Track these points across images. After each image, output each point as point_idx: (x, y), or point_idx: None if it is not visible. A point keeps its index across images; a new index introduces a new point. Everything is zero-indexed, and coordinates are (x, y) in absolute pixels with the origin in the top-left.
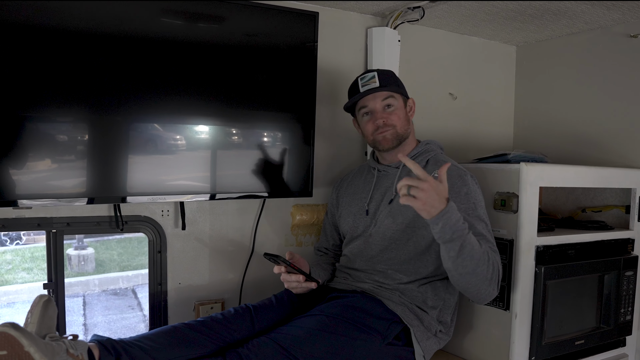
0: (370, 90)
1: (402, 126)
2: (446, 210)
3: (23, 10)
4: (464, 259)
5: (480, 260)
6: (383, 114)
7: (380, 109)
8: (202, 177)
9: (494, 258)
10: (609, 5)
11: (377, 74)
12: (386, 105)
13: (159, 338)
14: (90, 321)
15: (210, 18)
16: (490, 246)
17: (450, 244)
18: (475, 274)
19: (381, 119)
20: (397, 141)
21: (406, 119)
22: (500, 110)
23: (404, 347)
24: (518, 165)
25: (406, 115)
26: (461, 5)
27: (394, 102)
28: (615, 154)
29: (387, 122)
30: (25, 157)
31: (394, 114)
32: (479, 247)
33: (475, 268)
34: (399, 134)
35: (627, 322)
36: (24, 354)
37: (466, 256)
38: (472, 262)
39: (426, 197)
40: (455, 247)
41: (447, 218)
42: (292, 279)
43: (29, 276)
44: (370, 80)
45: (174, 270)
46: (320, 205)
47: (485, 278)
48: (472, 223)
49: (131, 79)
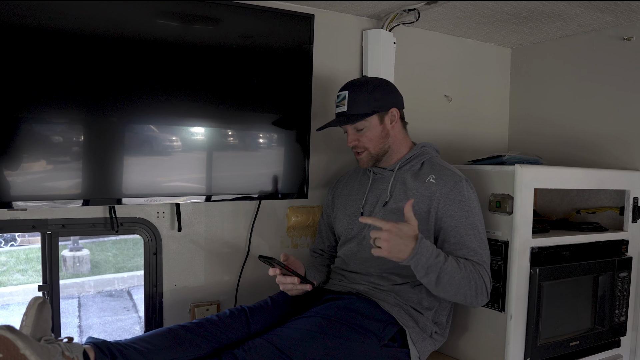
0: (338, 114)
1: (375, 146)
2: (415, 252)
3: (18, 12)
4: (443, 287)
5: (461, 284)
6: (354, 136)
7: (352, 131)
8: (198, 178)
9: (478, 275)
10: (602, 8)
11: (348, 96)
12: (356, 129)
13: (155, 340)
14: (85, 323)
15: (206, 20)
16: (476, 260)
17: (425, 278)
18: (457, 294)
19: (353, 142)
20: (373, 161)
21: (381, 137)
22: (496, 112)
23: (400, 348)
24: (513, 167)
25: (382, 132)
26: (456, 8)
27: (364, 124)
28: (609, 156)
29: (358, 144)
30: (19, 158)
31: (365, 136)
32: (459, 271)
33: (456, 291)
34: (373, 155)
35: (622, 323)
36: (20, 356)
37: (445, 285)
38: (452, 287)
39: (389, 246)
40: (432, 280)
41: (417, 260)
42: (287, 281)
43: (24, 278)
44: (341, 102)
45: (170, 272)
46: (315, 207)
47: (468, 295)
48: (462, 233)
49: (127, 80)
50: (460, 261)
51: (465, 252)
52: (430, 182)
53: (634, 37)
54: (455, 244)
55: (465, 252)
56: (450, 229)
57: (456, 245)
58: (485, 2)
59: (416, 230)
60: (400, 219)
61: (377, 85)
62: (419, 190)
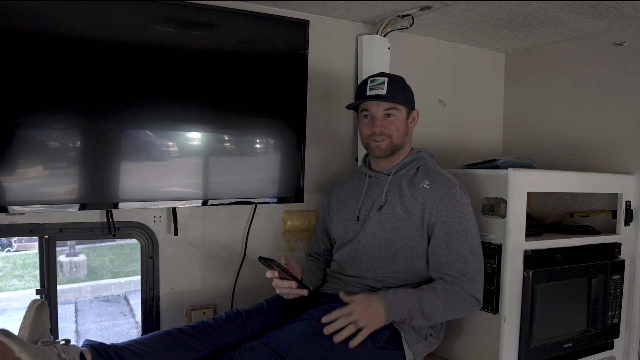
0: (375, 96)
1: (398, 137)
2: (387, 304)
3: (15, 16)
4: (429, 319)
5: (446, 310)
6: (382, 122)
7: (380, 116)
8: (194, 183)
9: (458, 292)
10: (594, 14)
11: (387, 81)
12: (387, 114)
13: (152, 342)
14: (82, 328)
15: (202, 25)
16: (456, 273)
17: (413, 321)
18: (447, 317)
19: (379, 127)
20: (390, 151)
21: (404, 130)
22: (490, 117)
23: (395, 350)
24: (506, 171)
25: (406, 126)
26: (450, 14)
27: (396, 113)
28: (602, 160)
29: (384, 131)
30: (16, 164)
31: (393, 124)
32: (439, 299)
33: (445, 315)
34: (394, 145)
35: (615, 325)
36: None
37: (432, 315)
38: (440, 314)
39: (367, 320)
40: (419, 320)
41: (394, 310)
42: (284, 285)
43: (20, 283)
44: (379, 85)
45: (167, 275)
46: (311, 211)
47: (460, 313)
48: (453, 239)
49: (123, 85)
50: (437, 289)
51: (455, 257)
52: (424, 188)
53: (625, 42)
54: (445, 249)
55: (455, 258)
56: (442, 235)
57: (446, 251)
58: (479, 9)
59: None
60: (395, 223)
61: (407, 85)
62: (414, 195)
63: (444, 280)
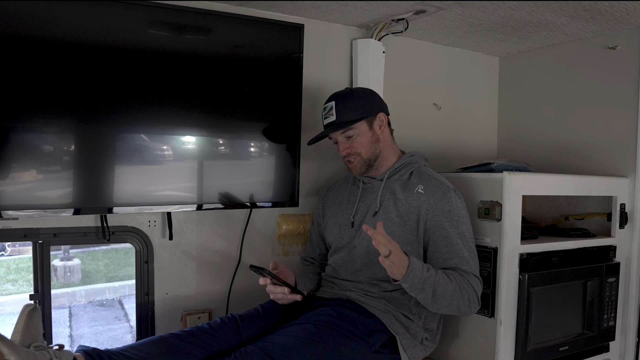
0: (328, 125)
1: (367, 151)
2: (410, 267)
3: (9, 20)
4: (438, 300)
5: (454, 295)
6: (345, 144)
7: (342, 140)
8: (189, 187)
9: (468, 284)
10: (587, 18)
11: (335, 105)
12: (347, 137)
13: (147, 348)
14: (76, 332)
15: (197, 29)
16: (466, 269)
17: (422, 293)
18: (451, 306)
19: (344, 150)
20: (365, 166)
21: (372, 141)
22: (484, 120)
23: (391, 354)
24: (501, 175)
25: (372, 137)
26: (444, 18)
27: (353, 132)
28: (596, 163)
29: (350, 152)
30: (9, 168)
31: (356, 141)
32: (450, 283)
33: (450, 302)
34: (366, 159)
35: (611, 328)
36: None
37: (439, 297)
38: (446, 299)
39: (395, 259)
40: (428, 295)
41: (413, 275)
42: (277, 290)
43: (14, 288)
44: (329, 112)
45: (161, 280)
46: (306, 215)
47: (462, 305)
48: (453, 243)
49: (118, 89)
50: (449, 273)
51: (457, 261)
52: (418, 193)
53: (618, 46)
54: (447, 253)
55: (458, 261)
56: (441, 239)
57: (448, 255)
58: (473, 13)
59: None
60: (389, 228)
61: (361, 93)
62: (408, 200)
63: (457, 270)
